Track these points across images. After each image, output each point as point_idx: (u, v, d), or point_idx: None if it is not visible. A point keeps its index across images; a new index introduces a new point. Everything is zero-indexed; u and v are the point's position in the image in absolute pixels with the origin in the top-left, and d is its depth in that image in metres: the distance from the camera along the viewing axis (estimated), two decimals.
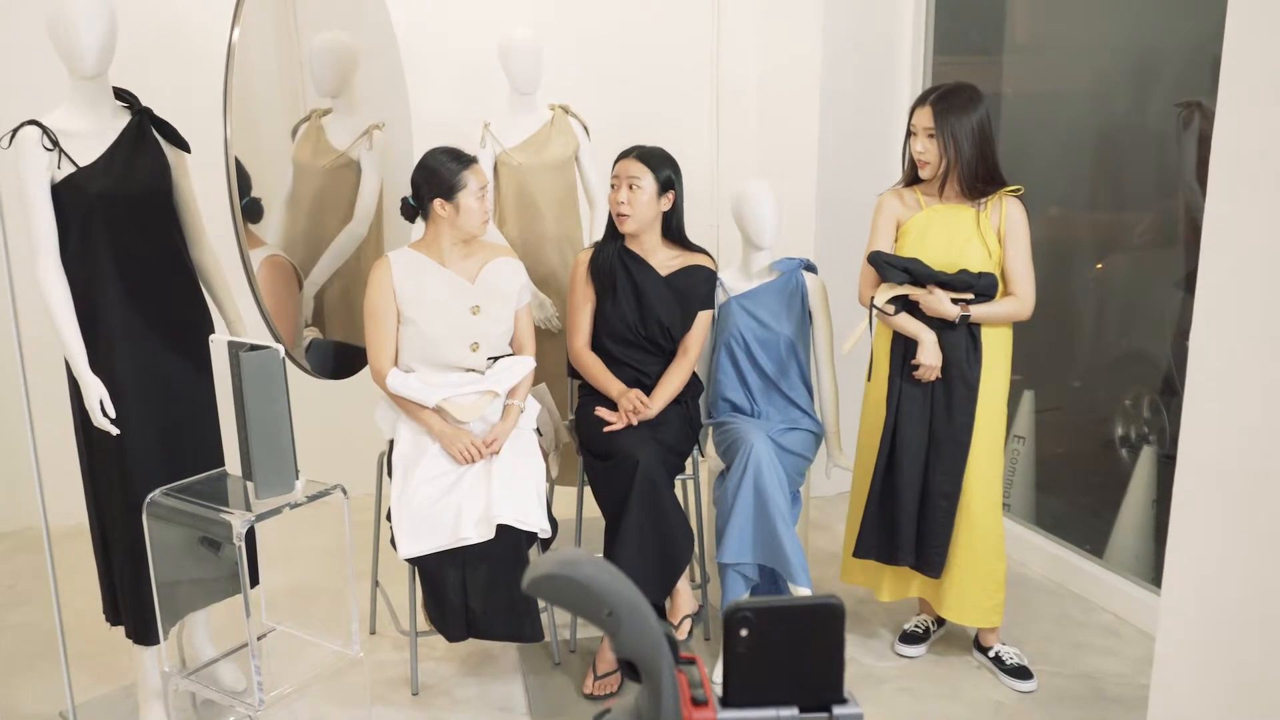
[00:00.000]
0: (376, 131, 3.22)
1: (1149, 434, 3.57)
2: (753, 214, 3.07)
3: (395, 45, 3.37)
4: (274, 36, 3.00)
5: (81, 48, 2.35)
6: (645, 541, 2.74)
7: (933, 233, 2.79)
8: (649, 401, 2.90)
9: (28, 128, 2.35)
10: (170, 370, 2.54)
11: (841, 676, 0.84)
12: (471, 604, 2.65)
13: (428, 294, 2.83)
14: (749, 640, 0.82)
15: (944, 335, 2.77)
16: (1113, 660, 3.00)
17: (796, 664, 0.83)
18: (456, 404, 2.80)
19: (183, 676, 2.59)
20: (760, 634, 0.82)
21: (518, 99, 3.38)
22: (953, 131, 2.70)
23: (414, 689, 2.87)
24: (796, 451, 3.00)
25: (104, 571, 2.62)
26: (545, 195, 3.37)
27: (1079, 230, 3.89)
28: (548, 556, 0.79)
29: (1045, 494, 3.84)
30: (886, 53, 4.08)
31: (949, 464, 2.80)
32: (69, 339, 2.40)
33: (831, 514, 4.09)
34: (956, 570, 2.84)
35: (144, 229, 2.50)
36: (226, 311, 2.73)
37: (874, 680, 2.92)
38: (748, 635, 0.82)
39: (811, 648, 0.84)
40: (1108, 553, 3.45)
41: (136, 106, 2.53)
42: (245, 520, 2.28)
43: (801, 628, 0.83)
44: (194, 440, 2.57)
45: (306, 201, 3.08)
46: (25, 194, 2.36)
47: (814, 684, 0.84)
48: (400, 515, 2.67)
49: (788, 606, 0.83)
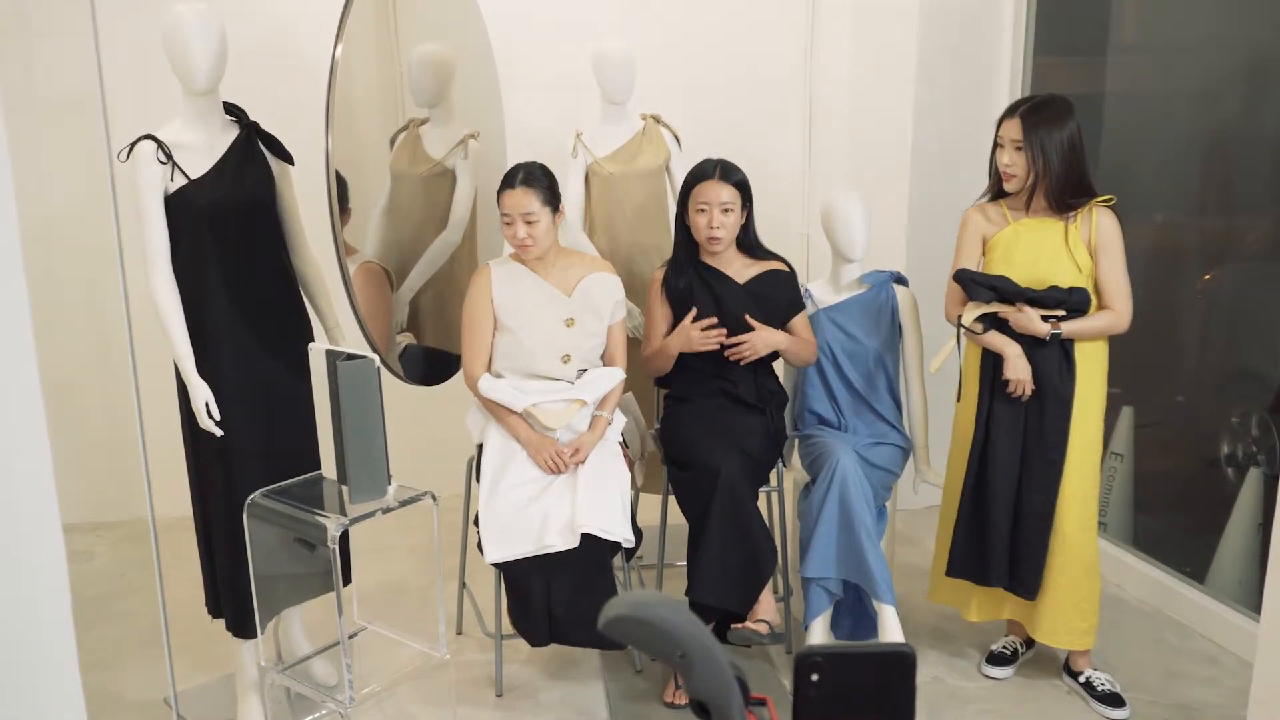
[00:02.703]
0: (471, 141, 3.28)
1: (1257, 453, 3.43)
2: (842, 226, 3.05)
3: (491, 56, 3.43)
4: (375, 48, 3.09)
5: (193, 65, 2.45)
6: (727, 551, 2.75)
7: (1020, 248, 2.73)
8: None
9: (144, 142, 2.46)
10: (272, 375, 2.63)
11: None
12: (554, 610, 2.69)
13: (525, 303, 2.88)
14: (820, 685, 0.83)
15: (1035, 352, 2.71)
16: (1211, 690, 2.90)
17: (867, 710, 0.84)
18: (544, 410, 2.84)
19: (278, 671, 2.69)
20: (831, 679, 0.83)
21: (610, 109, 3.41)
22: (1042, 145, 2.63)
23: (498, 690, 2.92)
24: (883, 466, 2.98)
25: (206, 566, 2.73)
26: (634, 204, 3.40)
27: (1186, 238, 3.76)
28: (623, 598, 0.81)
29: (1143, 514, 3.72)
30: (984, 55, 4.00)
31: (1042, 482, 2.74)
32: (178, 344, 2.51)
33: (919, 527, 4.03)
34: (1050, 591, 2.78)
35: (249, 239, 2.59)
36: (326, 319, 2.82)
37: (959, 701, 2.87)
38: (819, 680, 0.83)
39: (883, 694, 0.84)
40: (1209, 577, 3.33)
41: (244, 120, 2.63)
42: (339, 524, 2.36)
43: (873, 674, 0.83)
44: (293, 443, 2.66)
45: (403, 209, 3.16)
46: (140, 206, 2.47)
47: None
48: (487, 520, 2.72)
49: (859, 653, 0.83)
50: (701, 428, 2.92)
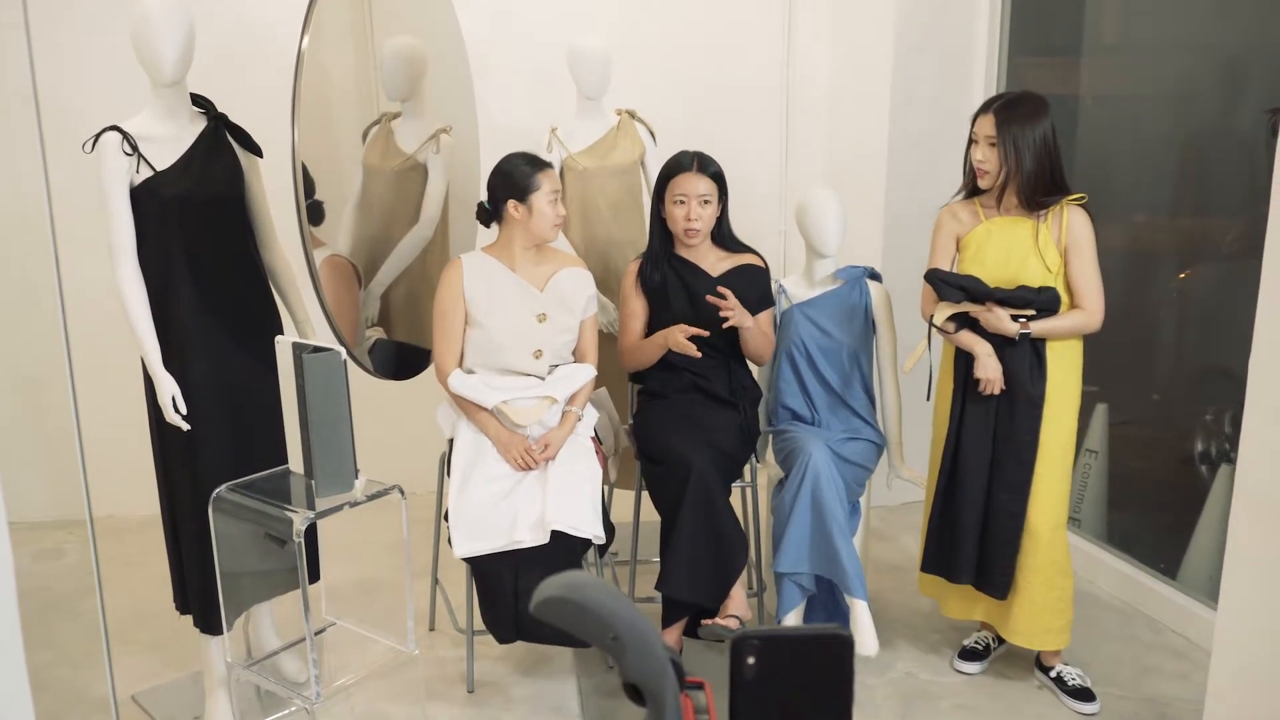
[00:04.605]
0: (444, 135, 3.27)
1: (1229, 451, 3.45)
2: (816, 221, 3.04)
3: (464, 50, 3.42)
4: (349, 41, 3.07)
5: (160, 56, 2.43)
6: (698, 546, 2.74)
7: (991, 247, 2.73)
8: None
9: (109, 133, 2.44)
10: (240, 369, 2.61)
11: (850, 709, 0.83)
12: (522, 606, 2.67)
13: (496, 298, 2.86)
14: (756, 668, 0.82)
15: (1006, 351, 2.71)
16: (1182, 685, 2.91)
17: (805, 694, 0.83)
18: (515, 408, 2.83)
19: (245, 667, 2.67)
20: (768, 662, 0.82)
21: (585, 104, 3.41)
22: (1014, 141, 2.63)
23: (469, 687, 2.91)
24: (857, 462, 2.97)
25: (174, 562, 2.71)
26: (609, 199, 3.39)
27: (1161, 238, 3.77)
28: (554, 579, 0.80)
29: (1117, 511, 3.73)
30: (960, 54, 4.01)
31: (1013, 482, 2.74)
32: (144, 337, 2.48)
33: (894, 524, 4.03)
34: (1023, 591, 2.77)
35: (217, 232, 2.57)
36: (296, 312, 2.80)
37: (930, 697, 2.87)
38: (755, 663, 0.82)
39: (821, 679, 0.83)
40: (1181, 573, 3.34)
41: (212, 112, 2.61)
42: (305, 518, 2.34)
43: (810, 658, 0.82)
44: (261, 437, 2.64)
45: (375, 203, 3.14)
46: (105, 197, 2.45)
47: (823, 716, 0.83)
48: (457, 515, 2.71)
49: (795, 636, 0.82)
50: (674, 422, 2.91)
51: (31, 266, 3.85)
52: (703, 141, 3.11)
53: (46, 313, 3.89)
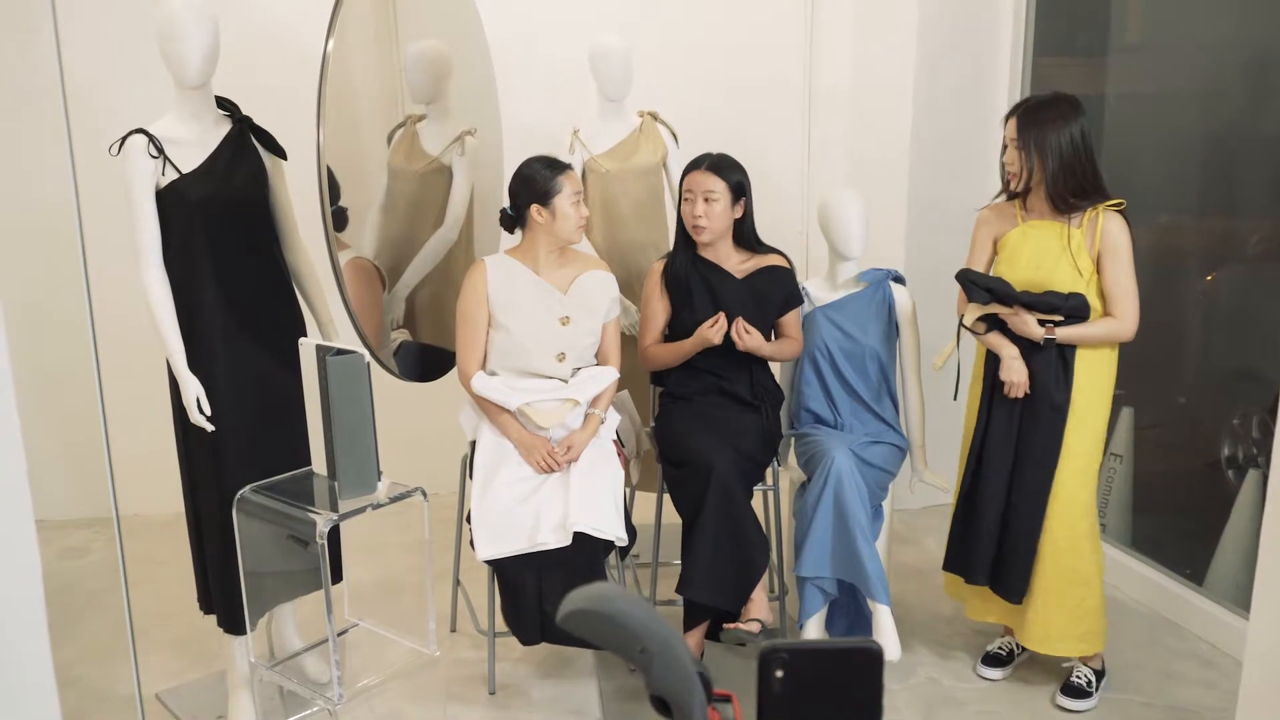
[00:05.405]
0: (469, 137, 3.27)
1: (1257, 455, 3.41)
2: (839, 224, 3.03)
3: (488, 53, 3.42)
4: (374, 44, 3.08)
5: (185, 59, 2.45)
6: (719, 548, 2.73)
7: (1026, 249, 2.71)
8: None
9: (135, 136, 2.46)
10: (264, 370, 2.62)
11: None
12: (546, 608, 2.67)
13: (520, 301, 2.87)
14: (784, 681, 0.81)
15: (1032, 356, 2.69)
16: (1207, 693, 2.87)
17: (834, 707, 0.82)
18: (538, 409, 2.83)
19: (268, 667, 2.68)
20: (796, 675, 0.81)
21: (607, 106, 3.40)
22: (1035, 144, 2.61)
23: (491, 688, 2.91)
24: (879, 465, 2.96)
25: (198, 562, 2.72)
26: (631, 201, 3.39)
27: (1188, 239, 3.73)
28: (581, 591, 0.80)
29: (1142, 515, 3.70)
30: (984, 55, 3.98)
31: (1031, 488, 2.72)
32: (169, 339, 2.50)
33: (917, 528, 4.01)
34: (1039, 597, 2.75)
35: (241, 234, 2.59)
36: (319, 314, 2.81)
37: (953, 703, 2.85)
38: (783, 676, 0.81)
39: (850, 691, 0.82)
40: (1208, 580, 3.30)
41: (237, 115, 2.63)
42: (328, 520, 2.35)
43: (839, 670, 0.82)
44: (285, 439, 2.65)
45: (400, 205, 3.15)
46: (131, 199, 2.46)
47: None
48: (480, 518, 2.71)
49: (825, 649, 0.82)
50: (696, 425, 2.91)
51: (59, 267, 3.88)
52: (725, 143, 3.10)
53: (73, 313, 3.93)
